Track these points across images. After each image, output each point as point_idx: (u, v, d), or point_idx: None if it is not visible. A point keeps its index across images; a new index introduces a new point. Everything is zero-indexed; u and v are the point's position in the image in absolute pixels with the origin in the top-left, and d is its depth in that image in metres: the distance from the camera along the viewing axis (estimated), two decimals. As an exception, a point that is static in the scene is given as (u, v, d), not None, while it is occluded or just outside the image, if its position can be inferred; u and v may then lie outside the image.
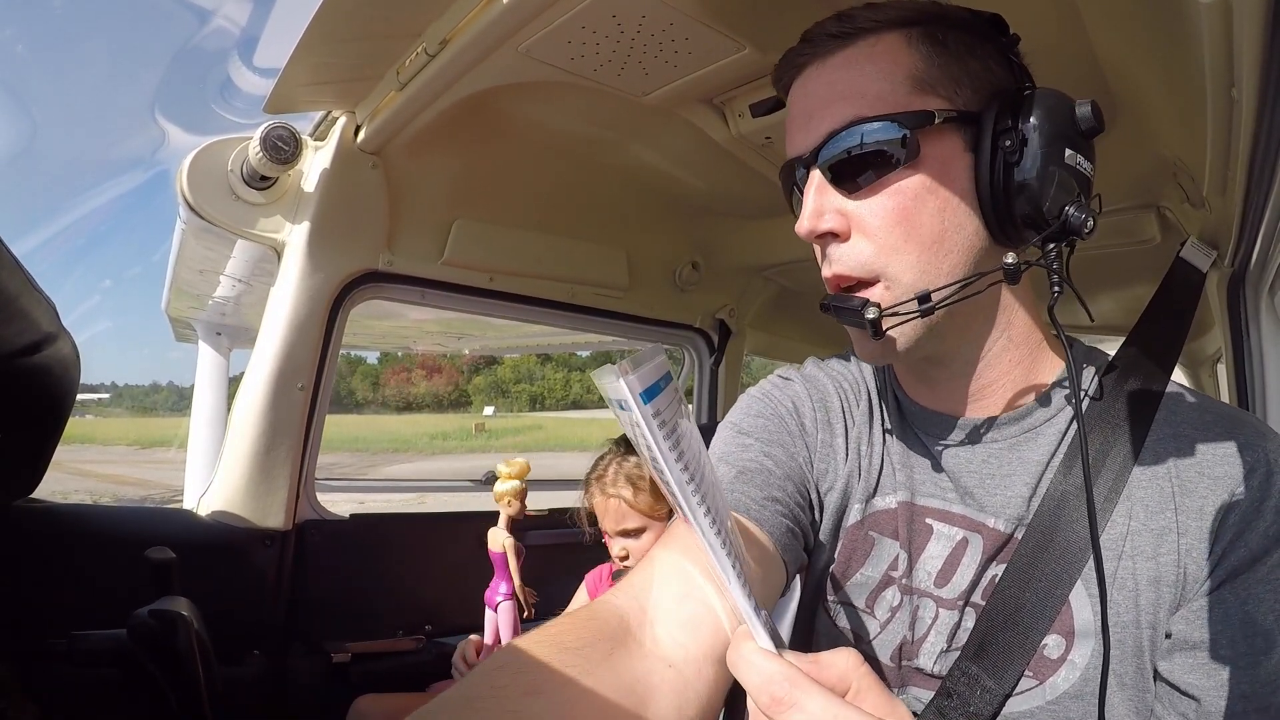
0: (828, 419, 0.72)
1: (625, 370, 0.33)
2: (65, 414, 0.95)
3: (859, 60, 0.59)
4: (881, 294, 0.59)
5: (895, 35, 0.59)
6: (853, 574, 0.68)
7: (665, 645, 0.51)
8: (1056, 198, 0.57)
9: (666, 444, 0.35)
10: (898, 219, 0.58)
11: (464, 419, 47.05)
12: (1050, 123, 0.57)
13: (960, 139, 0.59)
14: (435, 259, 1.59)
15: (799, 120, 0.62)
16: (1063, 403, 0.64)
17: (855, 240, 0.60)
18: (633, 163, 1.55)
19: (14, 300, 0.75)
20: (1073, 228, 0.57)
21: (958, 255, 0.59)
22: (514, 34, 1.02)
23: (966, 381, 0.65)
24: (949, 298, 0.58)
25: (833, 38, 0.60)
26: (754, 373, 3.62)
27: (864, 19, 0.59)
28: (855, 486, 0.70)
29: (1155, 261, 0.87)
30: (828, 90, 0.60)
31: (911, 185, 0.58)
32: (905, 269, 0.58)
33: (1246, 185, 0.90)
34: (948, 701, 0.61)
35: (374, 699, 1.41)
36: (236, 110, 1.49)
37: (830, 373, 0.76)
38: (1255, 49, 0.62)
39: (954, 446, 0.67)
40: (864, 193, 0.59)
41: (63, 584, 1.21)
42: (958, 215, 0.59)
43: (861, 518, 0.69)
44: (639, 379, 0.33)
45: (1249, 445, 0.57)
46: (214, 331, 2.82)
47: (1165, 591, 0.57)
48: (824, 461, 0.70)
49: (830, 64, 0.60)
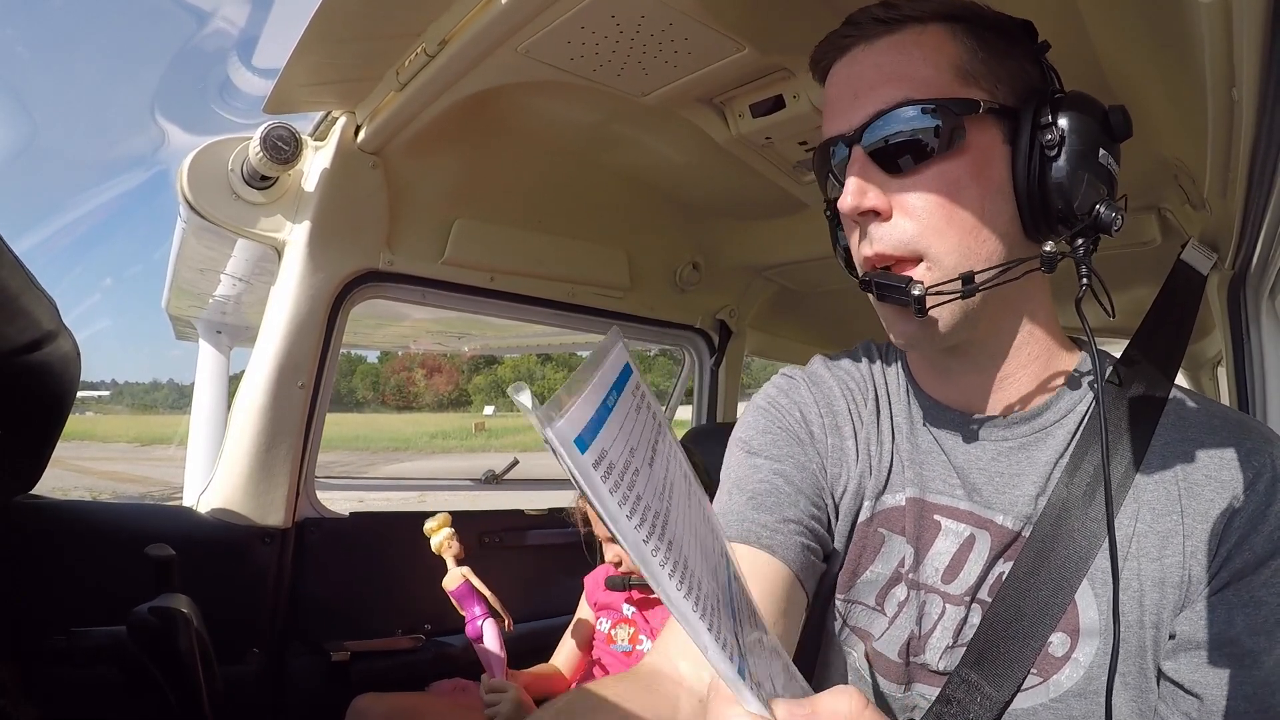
0: (835, 422, 0.72)
1: (553, 413, 0.25)
2: (66, 411, 0.95)
3: (906, 45, 0.60)
4: (924, 273, 0.60)
5: (940, 26, 0.60)
6: (863, 571, 0.69)
7: (690, 679, 0.57)
8: (1088, 195, 0.59)
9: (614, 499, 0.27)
10: (940, 201, 0.59)
11: (464, 418, 47.06)
12: (1086, 123, 0.59)
13: (999, 131, 0.60)
14: (436, 258, 1.59)
15: (843, 99, 0.63)
16: (1074, 402, 0.65)
17: (897, 219, 0.60)
18: (633, 163, 1.55)
19: (15, 298, 0.75)
20: (1103, 225, 0.59)
21: (994, 243, 0.60)
22: (513, 34, 1.02)
23: (984, 375, 0.66)
24: (991, 280, 0.59)
25: (879, 23, 0.61)
26: (754, 373, 3.62)
27: (909, 7, 0.60)
28: (866, 485, 0.70)
29: (1156, 263, 0.87)
30: (875, 72, 0.61)
31: (955, 170, 0.59)
32: (947, 251, 0.59)
33: (1247, 187, 0.90)
34: (948, 708, 0.61)
35: (373, 698, 1.41)
36: (236, 110, 1.50)
37: (836, 373, 0.76)
38: (1256, 49, 0.62)
39: (966, 442, 0.67)
40: (908, 174, 0.60)
41: (62, 581, 1.21)
42: (996, 203, 0.60)
43: (871, 515, 0.69)
44: (571, 421, 0.26)
45: (1256, 451, 0.58)
46: (214, 330, 2.82)
47: (1170, 593, 0.57)
48: (836, 466, 0.71)
49: (877, 47, 0.61)
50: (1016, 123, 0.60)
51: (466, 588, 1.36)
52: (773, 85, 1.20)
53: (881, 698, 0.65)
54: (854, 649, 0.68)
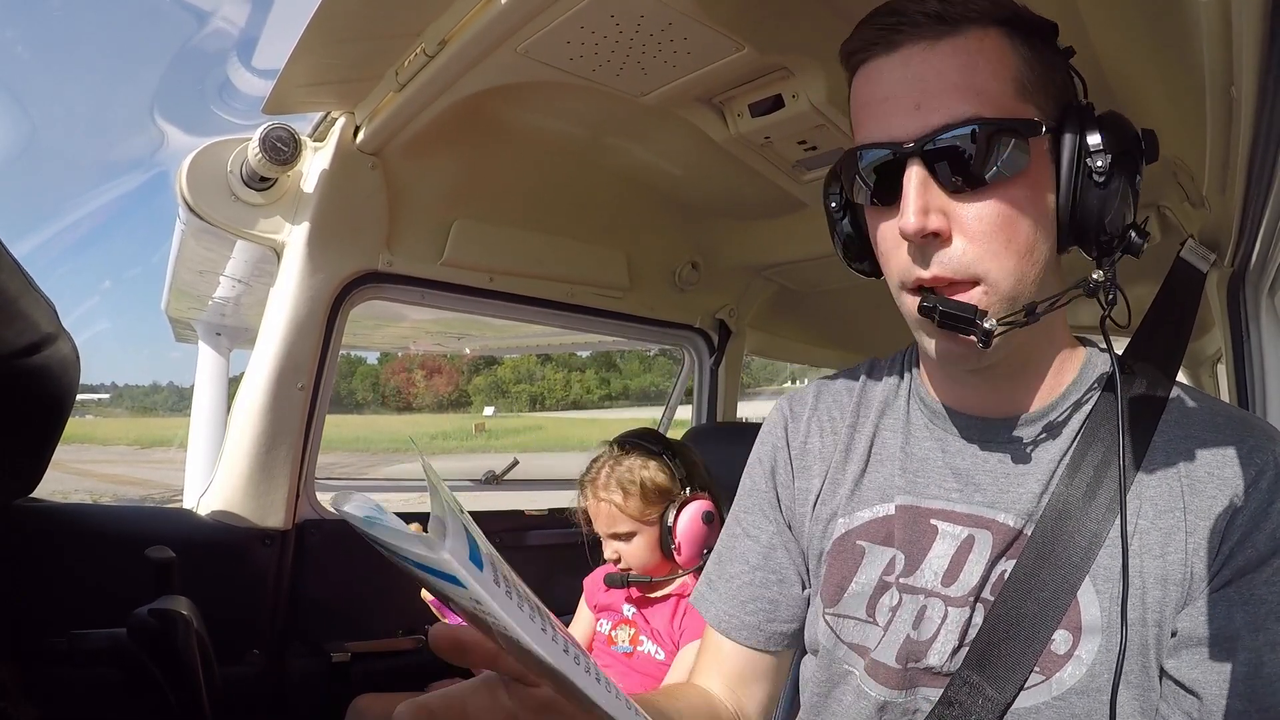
0: (804, 463, 0.77)
1: (435, 542, 0.26)
2: (65, 414, 0.95)
3: (970, 52, 0.57)
4: (980, 297, 0.58)
5: (999, 32, 0.58)
6: (848, 585, 0.69)
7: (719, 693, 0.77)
8: (1123, 218, 0.59)
9: (513, 602, 0.29)
10: (1002, 224, 0.57)
11: (464, 419, 47.05)
12: (1127, 147, 0.59)
13: (1048, 151, 0.59)
14: (435, 259, 1.59)
15: (898, 103, 0.58)
16: (1080, 402, 0.65)
17: (957, 241, 0.58)
18: (632, 163, 1.55)
19: (14, 301, 0.75)
20: (1133, 248, 0.60)
21: (1041, 266, 0.60)
22: (513, 34, 1.02)
23: (1002, 381, 0.66)
24: (1048, 309, 0.59)
25: (937, 20, 0.57)
26: (754, 373, 3.61)
27: (964, 5, 0.57)
28: (839, 507, 0.72)
29: (1155, 261, 0.87)
30: (939, 80, 0.57)
31: (1015, 193, 0.58)
32: (1004, 275, 0.58)
33: (1246, 184, 0.90)
34: (950, 710, 0.61)
35: (373, 698, 1.41)
36: (235, 111, 1.49)
37: (822, 401, 0.79)
38: (1254, 47, 0.62)
39: (974, 444, 0.67)
40: (971, 195, 0.57)
41: (63, 583, 1.21)
42: (1046, 227, 0.60)
43: (847, 531, 0.71)
44: (455, 544, 0.27)
45: (1259, 448, 0.58)
46: (214, 332, 2.82)
47: (1172, 590, 0.57)
48: (803, 505, 0.76)
49: (940, 50, 0.57)
50: (1060, 141, 0.59)
51: None
52: (772, 85, 1.20)
53: (885, 707, 0.65)
54: (854, 666, 0.68)
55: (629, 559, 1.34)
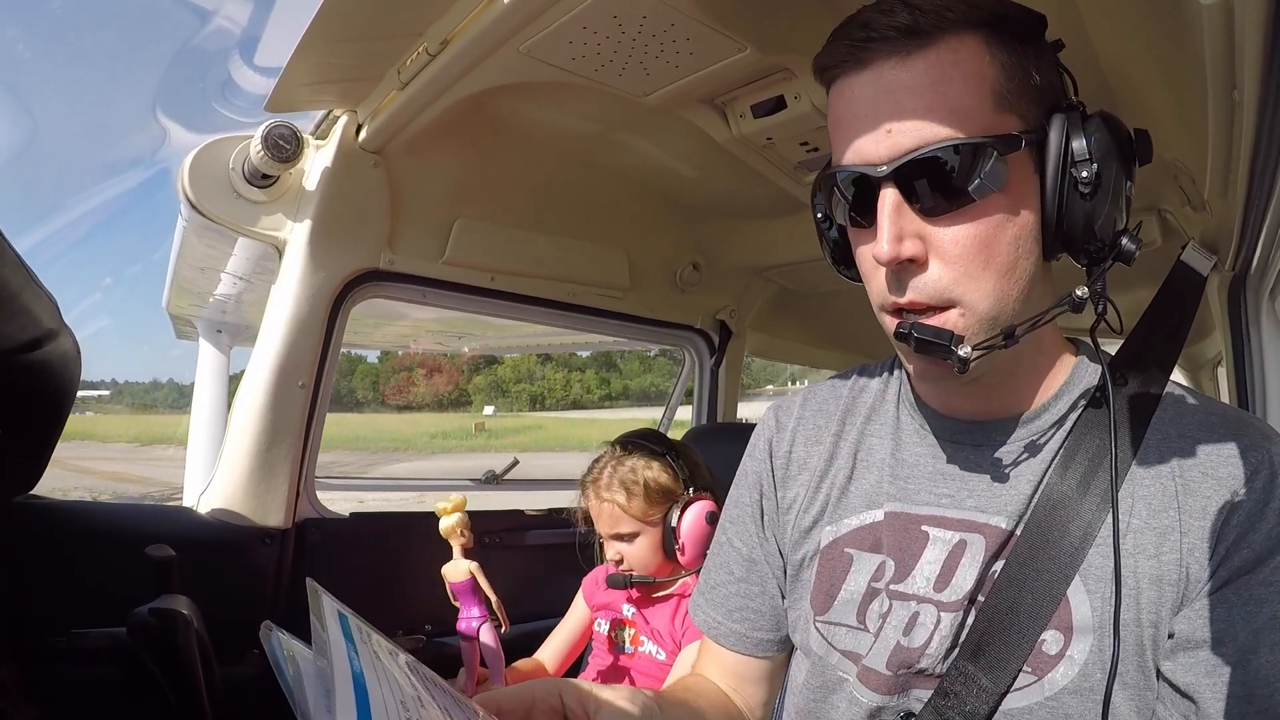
0: (788, 474, 0.77)
1: None
2: (66, 410, 0.95)
3: (944, 66, 0.55)
4: (956, 320, 0.58)
5: (975, 40, 0.55)
6: (836, 593, 0.69)
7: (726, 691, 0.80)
8: (1113, 226, 0.58)
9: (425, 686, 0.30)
10: (979, 246, 0.56)
11: (464, 418, 47.05)
12: (1117, 152, 0.57)
13: (1031, 161, 0.57)
14: (436, 258, 1.59)
15: (869, 125, 0.57)
16: (1072, 403, 0.65)
17: (933, 266, 0.57)
18: (634, 163, 1.55)
19: (15, 296, 0.75)
20: (1124, 255, 0.58)
21: (1025, 281, 0.58)
22: (515, 34, 1.02)
23: (992, 388, 0.66)
24: (1028, 329, 0.58)
25: (908, 33, 0.55)
26: (754, 373, 3.61)
27: (936, 14, 0.54)
28: (822, 516, 0.73)
29: (1156, 265, 0.87)
30: (911, 100, 0.55)
31: (994, 212, 0.56)
32: (982, 297, 0.57)
33: (1248, 188, 0.90)
34: (945, 701, 0.61)
35: (373, 698, 1.41)
36: (238, 109, 1.49)
37: (809, 408, 0.79)
38: (1256, 50, 0.62)
39: (965, 448, 0.67)
40: (945, 218, 0.56)
41: (62, 581, 1.21)
42: (1028, 241, 0.58)
43: (835, 539, 0.71)
44: None
45: (1254, 447, 0.57)
46: (215, 329, 2.82)
47: (1167, 590, 0.57)
48: (786, 515, 0.76)
49: (912, 66, 0.55)
50: (1045, 150, 0.57)
51: (471, 584, 1.30)
52: (774, 86, 1.20)
53: (877, 712, 0.66)
54: (848, 673, 0.68)
55: (631, 560, 1.34)
